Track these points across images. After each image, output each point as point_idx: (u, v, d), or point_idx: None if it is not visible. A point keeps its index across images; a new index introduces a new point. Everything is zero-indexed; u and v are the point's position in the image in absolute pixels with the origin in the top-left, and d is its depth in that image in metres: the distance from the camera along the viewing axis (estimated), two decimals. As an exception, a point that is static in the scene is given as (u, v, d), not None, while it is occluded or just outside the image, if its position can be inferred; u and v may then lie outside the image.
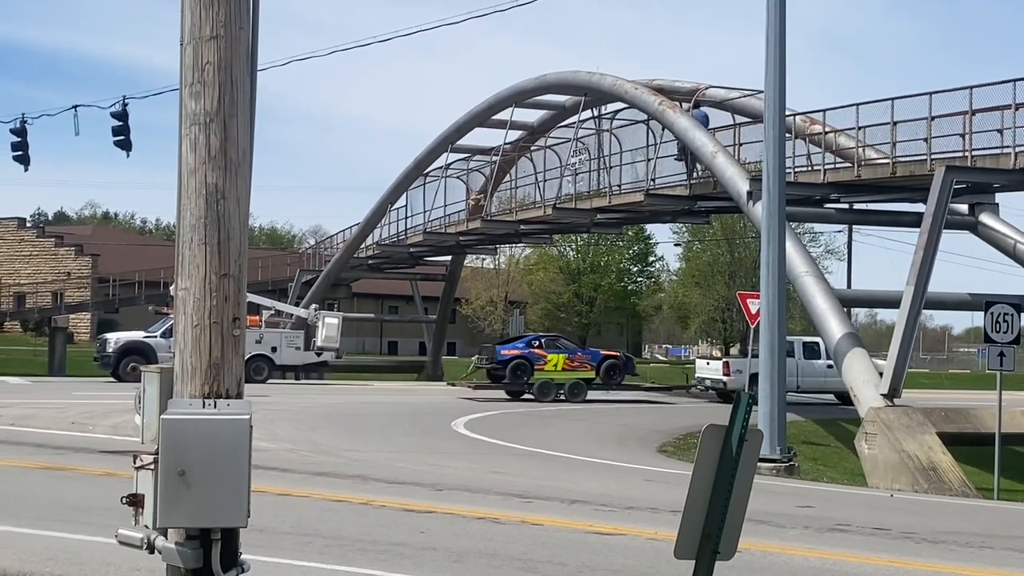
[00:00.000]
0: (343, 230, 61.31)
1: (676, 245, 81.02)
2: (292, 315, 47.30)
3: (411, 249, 52.47)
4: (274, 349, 42.33)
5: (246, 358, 32.97)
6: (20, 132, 30.29)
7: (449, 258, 59.22)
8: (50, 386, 36.49)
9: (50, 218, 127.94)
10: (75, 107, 29.50)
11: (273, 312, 44.68)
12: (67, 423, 22.61)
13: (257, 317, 43.09)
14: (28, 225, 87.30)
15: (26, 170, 30.49)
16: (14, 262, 77.98)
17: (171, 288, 38.68)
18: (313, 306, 45.66)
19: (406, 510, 12.99)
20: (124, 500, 5.37)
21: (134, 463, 5.33)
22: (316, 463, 17.96)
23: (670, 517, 11.98)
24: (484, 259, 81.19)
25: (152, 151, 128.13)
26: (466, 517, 12.54)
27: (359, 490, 14.63)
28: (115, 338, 39.21)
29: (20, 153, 30.40)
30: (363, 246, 55.74)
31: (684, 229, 76.78)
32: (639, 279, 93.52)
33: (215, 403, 5.18)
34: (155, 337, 38.07)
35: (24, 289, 69.16)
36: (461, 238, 48.68)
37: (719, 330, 79.37)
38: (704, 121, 33.22)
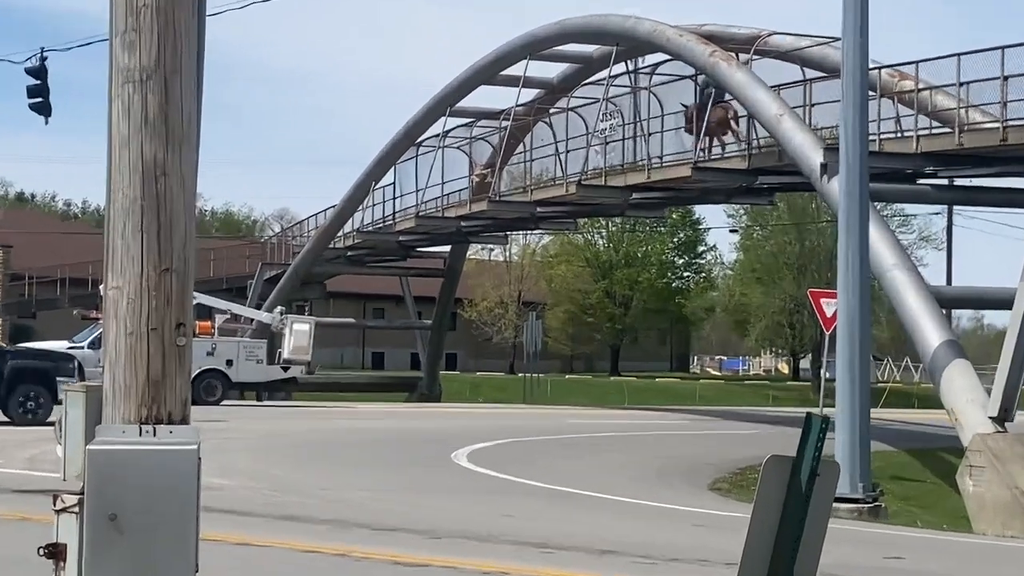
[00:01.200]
0: (316, 214, 61.46)
1: (732, 232, 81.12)
2: (252, 320, 47.38)
3: (401, 238, 52.54)
4: (230, 363, 42.43)
5: (194, 374, 33.26)
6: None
7: (448, 249, 59.27)
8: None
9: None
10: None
11: (229, 316, 44.82)
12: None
13: (208, 323, 43.23)
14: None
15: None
16: (-98, 255, 77.99)
17: (100, 287, 38.52)
18: (278, 309, 45.80)
19: (395, 563, 13.02)
20: (42, 551, 5.37)
21: (54, 505, 5.34)
22: (282, 504, 17.99)
23: (724, 572, 11.97)
24: (492, 250, 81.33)
25: (79, 116, 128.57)
26: (470, 571, 12.56)
27: (336, 538, 14.65)
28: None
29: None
30: (340, 234, 55.83)
31: (742, 212, 76.77)
32: (686, 274, 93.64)
33: (154, 430, 5.18)
34: (81, 348, 38.11)
35: (-84, 289, 69.29)
36: (463, 224, 48.71)
37: (786, 337, 79.36)
38: (723, 88, 33.81)
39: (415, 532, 15.50)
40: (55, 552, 5.33)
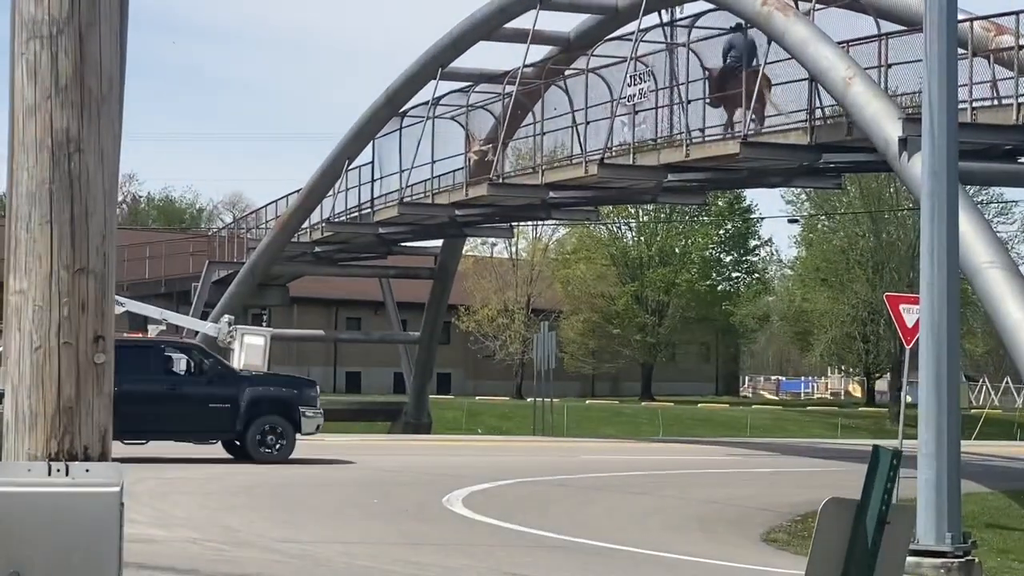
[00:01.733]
0: (275, 201, 61.65)
1: (792, 222, 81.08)
2: (196, 333, 47.40)
3: (381, 230, 52.62)
4: None
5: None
6: None
7: (440, 244, 59.35)
8: None
9: None
10: None
11: (164, 327, 44.77)
12: None
13: (140, 335, 43.18)
14: None
15: None
16: None
17: None
18: (226, 318, 45.78)
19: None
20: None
21: (-56, 560, 5.35)
22: (234, 560, 18.06)
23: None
24: (494, 245, 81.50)
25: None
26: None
27: (299, 603, 14.71)
28: None
29: None
30: (306, 226, 55.96)
31: (804, 197, 76.83)
32: (735, 275, 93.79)
33: (67, 468, 5.19)
34: None
35: None
36: (458, 212, 48.78)
37: (858, 352, 79.43)
38: (752, 51, 34.81)
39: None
40: (-56, 620, 5.34)
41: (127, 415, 31.58)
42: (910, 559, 20.85)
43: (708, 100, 36.30)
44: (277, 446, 33.61)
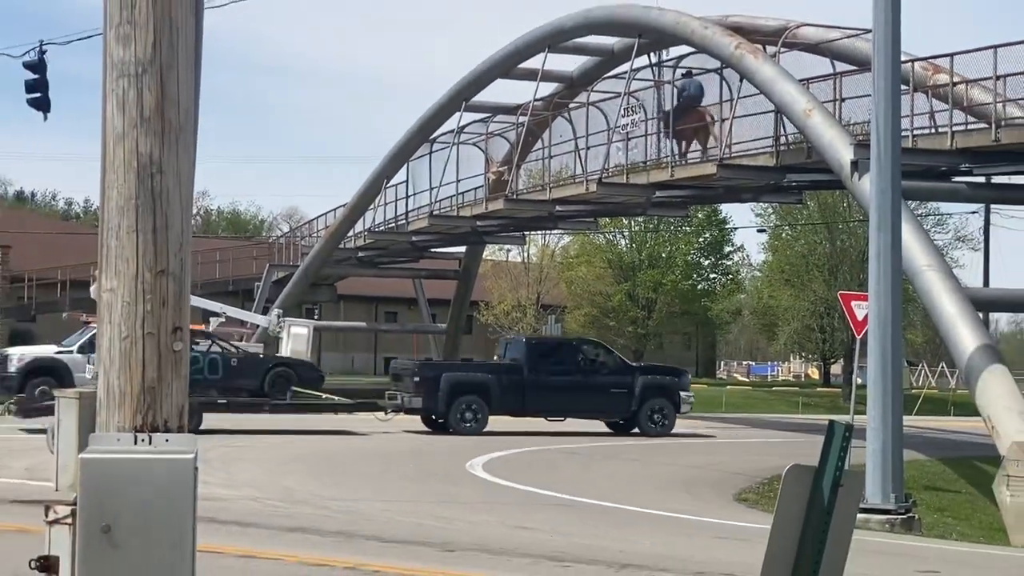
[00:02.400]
0: (325, 213, 61.57)
1: (760, 231, 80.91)
2: (252, 324, 47.32)
3: (414, 238, 52.56)
4: None
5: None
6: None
7: (463, 249, 59.31)
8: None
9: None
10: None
11: (223, 320, 44.62)
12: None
13: (202, 326, 42.99)
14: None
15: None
16: (-102, 256, 78.11)
17: (92, 289, 38.36)
18: (275, 312, 45.71)
19: (405, 577, 13.04)
20: (33, 564, 5.39)
21: (46, 517, 5.35)
22: (290, 515, 18.04)
23: (749, 586, 11.94)
24: (509, 251, 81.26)
25: (80, 112, 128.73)
26: (483, 586, 12.58)
27: (345, 550, 14.67)
28: (19, 354, 39.11)
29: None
30: (351, 234, 55.90)
31: (770, 211, 76.65)
32: (712, 276, 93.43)
33: (150, 438, 5.20)
34: (71, 352, 37.67)
35: (-89, 292, 69.44)
36: (479, 223, 48.71)
37: (816, 341, 79.25)
38: (699, 94, 36.18)
39: (428, 544, 15.52)
40: (47, 565, 5.34)
41: (551, 399, 36.27)
42: (860, 515, 20.84)
43: (664, 133, 36.92)
44: (663, 423, 36.91)
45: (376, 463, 27.04)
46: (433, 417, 36.52)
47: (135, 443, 5.19)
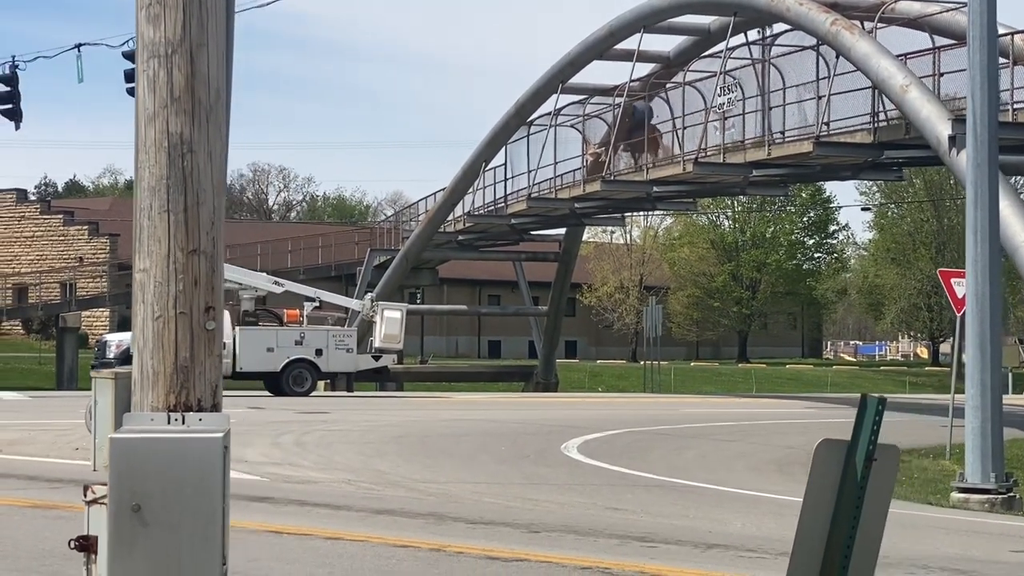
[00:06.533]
0: (426, 197, 61.81)
1: (864, 210, 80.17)
2: (347, 308, 47.49)
3: (513, 220, 52.65)
4: (319, 352, 42.08)
5: (283, 364, 33.24)
6: (9, 79, 30.84)
7: (563, 231, 59.27)
8: (54, 403, 37.34)
9: (59, 189, 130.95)
10: (78, 46, 30.04)
11: (317, 304, 44.75)
12: (69, 449, 23.02)
13: (297, 311, 43.17)
14: (31, 198, 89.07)
15: (17, 128, 31.11)
16: (13, 245, 79.65)
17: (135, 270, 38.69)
18: (368, 296, 45.82)
19: (489, 558, 12.98)
20: (73, 544, 5.41)
21: (84, 496, 5.37)
22: (380, 498, 18.09)
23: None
24: (612, 232, 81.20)
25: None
26: (566, 566, 12.49)
27: (431, 532, 14.68)
28: (118, 340, 39.56)
29: (10, 107, 30.93)
30: (451, 218, 56.07)
31: (875, 189, 75.98)
32: (817, 255, 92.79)
33: (183, 417, 5.20)
34: None
35: (26, 280, 70.76)
36: (576, 205, 48.67)
37: (923, 320, 78.45)
38: (649, 114, 39.50)
39: (514, 526, 15.49)
40: (86, 545, 5.36)
41: None
42: (960, 496, 20.60)
43: (620, 147, 37.67)
44: None
45: (470, 444, 27.06)
46: None
47: (168, 423, 5.19)
